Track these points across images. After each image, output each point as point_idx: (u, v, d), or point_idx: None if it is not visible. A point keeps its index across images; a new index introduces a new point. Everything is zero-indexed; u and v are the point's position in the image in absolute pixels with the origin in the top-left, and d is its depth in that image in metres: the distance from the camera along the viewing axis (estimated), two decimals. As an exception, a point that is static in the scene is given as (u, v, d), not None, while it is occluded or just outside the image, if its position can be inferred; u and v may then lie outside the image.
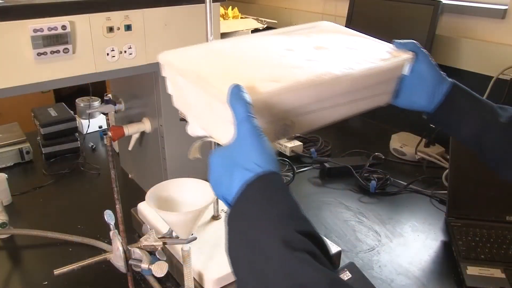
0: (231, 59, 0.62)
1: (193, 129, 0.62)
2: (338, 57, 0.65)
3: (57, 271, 0.71)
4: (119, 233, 0.71)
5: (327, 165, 1.29)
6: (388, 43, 0.72)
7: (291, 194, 0.45)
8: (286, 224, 0.42)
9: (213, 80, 0.54)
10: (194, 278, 0.80)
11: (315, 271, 0.38)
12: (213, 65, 0.60)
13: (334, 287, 0.38)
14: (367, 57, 0.65)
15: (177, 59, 0.61)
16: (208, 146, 0.57)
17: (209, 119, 0.58)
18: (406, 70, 0.68)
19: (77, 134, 1.40)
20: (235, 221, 0.45)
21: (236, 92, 0.48)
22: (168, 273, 0.69)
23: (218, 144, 0.57)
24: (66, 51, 0.82)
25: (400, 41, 0.69)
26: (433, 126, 0.71)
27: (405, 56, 0.67)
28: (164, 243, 0.71)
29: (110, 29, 0.86)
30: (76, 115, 1.48)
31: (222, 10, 1.84)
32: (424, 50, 0.69)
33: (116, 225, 0.71)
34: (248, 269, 0.41)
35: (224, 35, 1.44)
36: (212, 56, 0.63)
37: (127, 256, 0.70)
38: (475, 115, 0.66)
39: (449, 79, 0.69)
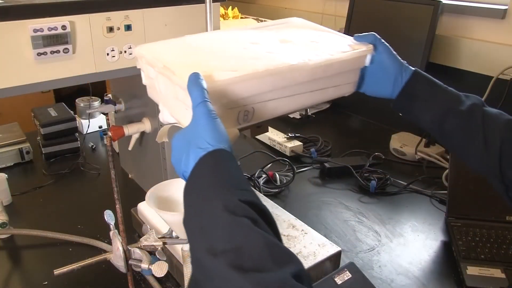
0: (197, 51, 0.67)
1: (165, 116, 0.66)
2: (299, 50, 0.69)
3: (57, 271, 0.71)
4: (119, 233, 0.71)
5: (327, 165, 1.29)
6: (351, 37, 0.76)
7: (238, 168, 0.50)
8: (230, 194, 0.46)
9: (177, 69, 0.59)
10: (194, 278, 0.80)
11: (252, 233, 0.42)
12: (180, 56, 0.65)
13: (268, 247, 0.41)
14: (328, 49, 0.70)
15: (148, 52, 0.66)
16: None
17: (176, 106, 0.63)
18: (367, 62, 0.73)
19: (77, 134, 1.40)
20: (188, 195, 0.49)
21: (193, 79, 0.53)
22: (168, 273, 0.69)
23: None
24: (66, 51, 0.82)
25: (360, 34, 0.74)
26: (401, 115, 0.74)
27: (364, 48, 0.72)
28: (164, 243, 0.71)
29: (110, 29, 0.86)
30: (76, 115, 1.48)
31: (222, 10, 1.84)
32: (384, 42, 0.73)
33: (116, 225, 0.70)
34: (199, 235, 0.45)
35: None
36: (181, 48, 0.68)
37: (127, 256, 0.70)
38: (435, 102, 0.69)
39: (411, 68, 0.73)
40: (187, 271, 0.74)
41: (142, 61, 0.67)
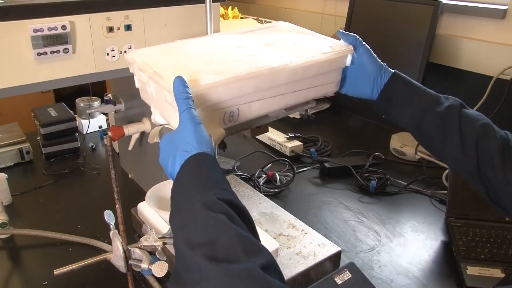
0: (184, 56, 0.70)
1: (156, 118, 0.69)
2: (281, 52, 0.72)
3: (57, 271, 0.71)
4: (119, 233, 0.71)
5: (327, 165, 1.29)
6: (333, 39, 0.78)
7: (218, 170, 0.54)
8: (209, 193, 0.50)
9: (165, 74, 0.62)
10: (194, 278, 0.79)
11: (226, 228, 0.46)
12: (168, 61, 0.67)
13: (240, 240, 0.45)
14: (309, 51, 0.72)
15: (139, 57, 0.69)
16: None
17: (165, 108, 0.66)
18: (347, 62, 0.75)
19: (77, 134, 1.40)
20: (174, 194, 0.53)
21: (179, 86, 0.57)
22: (168, 273, 0.69)
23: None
24: (66, 51, 0.82)
25: (343, 31, 0.76)
26: (384, 116, 0.77)
27: (343, 49, 0.74)
28: (164, 243, 0.71)
29: (110, 29, 0.86)
30: (76, 115, 1.48)
31: (222, 10, 1.84)
32: (365, 44, 0.75)
33: (116, 225, 0.70)
34: (180, 230, 0.49)
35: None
36: (170, 53, 0.71)
37: (127, 256, 0.69)
38: (413, 103, 0.71)
39: (390, 70, 0.74)
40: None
41: (134, 66, 0.69)
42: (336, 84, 0.79)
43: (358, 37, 0.75)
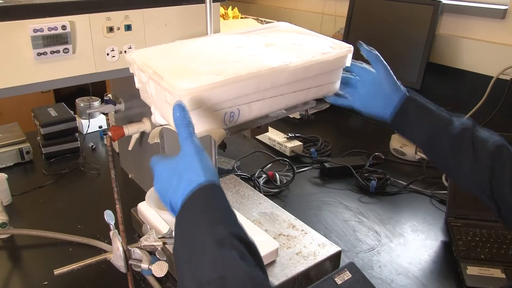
0: (185, 56, 0.70)
1: (157, 118, 0.69)
2: (282, 52, 0.72)
3: (57, 271, 0.71)
4: (119, 233, 0.71)
5: (327, 165, 1.29)
6: (332, 39, 0.78)
7: (226, 202, 0.52)
8: (219, 227, 0.48)
9: (165, 75, 0.62)
10: (194, 278, 0.79)
11: (238, 265, 0.45)
12: (168, 61, 0.68)
13: (251, 279, 0.43)
14: (309, 51, 0.73)
15: (139, 57, 0.69)
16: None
17: (165, 108, 0.66)
18: (347, 62, 0.75)
19: (77, 134, 1.40)
20: (180, 225, 0.51)
21: (179, 114, 0.54)
22: (168, 273, 0.69)
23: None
24: (66, 51, 0.82)
25: (365, 46, 0.75)
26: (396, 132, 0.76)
27: (343, 49, 0.74)
28: (164, 243, 0.71)
29: (110, 29, 0.86)
30: (76, 115, 1.48)
31: (222, 10, 1.84)
32: (384, 62, 0.74)
33: (116, 225, 0.70)
34: (187, 265, 0.47)
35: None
36: (170, 53, 0.71)
37: (127, 256, 0.70)
38: (427, 124, 0.72)
39: (404, 91, 0.74)
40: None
41: (134, 66, 0.70)
42: (337, 84, 0.79)
43: (379, 54, 0.75)
